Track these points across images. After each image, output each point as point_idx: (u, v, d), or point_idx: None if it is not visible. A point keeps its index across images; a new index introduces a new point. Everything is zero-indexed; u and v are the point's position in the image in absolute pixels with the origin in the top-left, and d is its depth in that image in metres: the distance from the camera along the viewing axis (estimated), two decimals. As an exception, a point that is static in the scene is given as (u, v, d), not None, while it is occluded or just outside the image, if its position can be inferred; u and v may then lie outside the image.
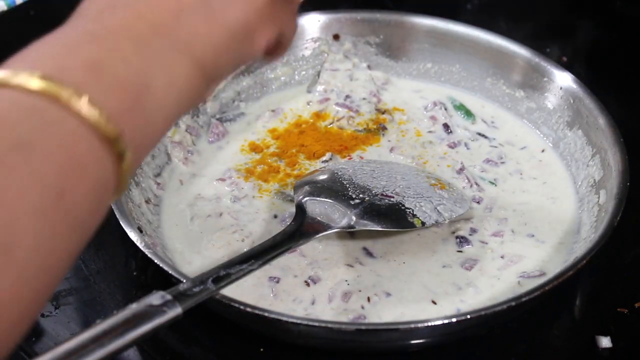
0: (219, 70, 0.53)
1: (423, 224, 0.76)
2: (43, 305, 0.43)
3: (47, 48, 0.46)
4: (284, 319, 0.64)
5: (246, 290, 0.73)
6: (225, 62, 0.53)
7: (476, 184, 0.86)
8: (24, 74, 0.43)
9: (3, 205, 0.39)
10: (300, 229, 0.73)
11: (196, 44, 0.51)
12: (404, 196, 0.78)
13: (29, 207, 0.39)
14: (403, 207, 0.77)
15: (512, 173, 0.88)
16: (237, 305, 0.65)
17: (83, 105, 0.43)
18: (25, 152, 0.40)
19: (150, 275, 0.80)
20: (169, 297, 0.57)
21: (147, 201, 0.81)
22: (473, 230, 0.80)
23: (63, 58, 0.45)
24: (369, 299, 0.73)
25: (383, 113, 0.96)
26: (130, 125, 0.46)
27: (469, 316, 0.65)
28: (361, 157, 0.89)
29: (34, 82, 0.43)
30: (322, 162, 0.88)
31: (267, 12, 0.54)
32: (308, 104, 0.97)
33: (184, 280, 0.64)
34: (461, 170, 0.87)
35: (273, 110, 0.96)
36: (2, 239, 0.38)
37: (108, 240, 0.83)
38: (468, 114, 0.96)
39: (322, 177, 0.80)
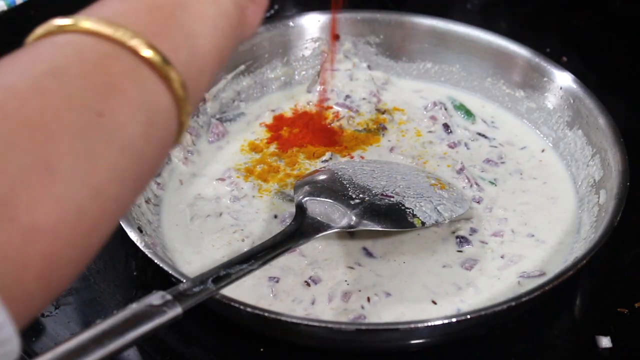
0: None
1: (423, 224, 0.76)
2: (100, 234, 0.43)
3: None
4: (284, 319, 0.64)
5: (246, 290, 0.73)
6: None
7: (476, 184, 0.86)
8: (58, 19, 0.45)
9: (40, 128, 0.39)
10: (300, 229, 0.73)
11: None
12: (404, 196, 0.78)
13: (66, 128, 0.40)
14: (403, 207, 0.77)
15: (512, 173, 0.88)
16: (236, 305, 0.65)
17: (113, 29, 0.44)
18: (59, 76, 0.41)
19: (150, 275, 0.80)
20: (169, 297, 0.57)
21: (147, 201, 0.81)
22: (473, 230, 0.80)
23: (93, 8, 0.47)
24: (368, 299, 0.73)
25: (383, 113, 0.96)
26: (169, 43, 0.46)
27: (468, 316, 0.65)
28: (362, 157, 0.89)
29: (64, 21, 0.44)
30: (322, 162, 0.88)
31: None
32: (308, 104, 0.97)
33: (184, 280, 0.64)
34: (461, 170, 0.87)
35: (273, 110, 0.96)
36: (41, 159, 0.38)
37: (108, 240, 0.83)
38: (468, 114, 0.96)
39: (322, 177, 0.80)
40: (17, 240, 0.37)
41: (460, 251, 0.78)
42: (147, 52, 0.44)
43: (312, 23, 0.99)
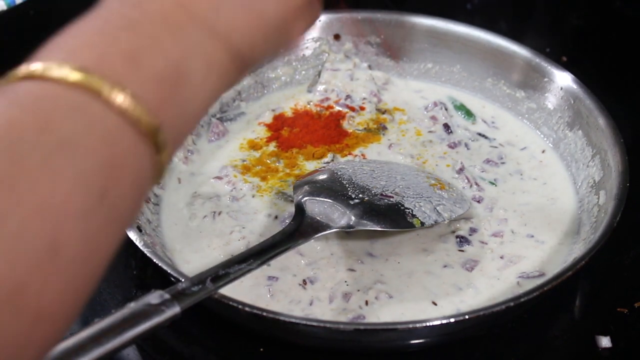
0: (253, 60, 0.53)
1: (422, 224, 0.76)
2: (83, 306, 0.42)
3: (84, 35, 0.45)
4: (283, 318, 0.64)
5: (244, 290, 0.73)
6: (260, 52, 0.53)
7: (476, 184, 0.86)
8: (65, 66, 0.42)
9: (50, 212, 0.38)
10: (299, 229, 0.73)
11: (234, 35, 0.50)
12: (404, 196, 0.78)
13: (73, 211, 0.39)
14: (402, 207, 0.77)
15: (512, 173, 0.88)
16: (235, 304, 0.65)
17: (124, 100, 0.42)
18: (70, 152, 0.39)
19: (150, 274, 0.80)
20: (167, 296, 0.58)
21: (147, 200, 0.81)
22: (473, 230, 0.80)
23: (101, 47, 0.44)
24: (367, 302, 0.73)
25: (383, 113, 0.96)
26: (169, 116, 0.45)
27: (467, 317, 0.65)
28: (363, 156, 0.89)
29: (74, 75, 0.41)
30: (324, 163, 0.88)
31: (304, 6, 0.54)
32: (308, 103, 0.97)
33: (183, 280, 0.64)
34: (461, 170, 0.87)
35: (273, 110, 0.96)
36: (48, 244, 0.38)
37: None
38: (468, 114, 0.96)
39: (322, 177, 0.80)
40: (26, 327, 0.37)
41: (462, 250, 0.78)
42: (153, 129, 0.43)
43: (313, 23, 0.99)
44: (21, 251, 0.37)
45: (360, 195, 0.77)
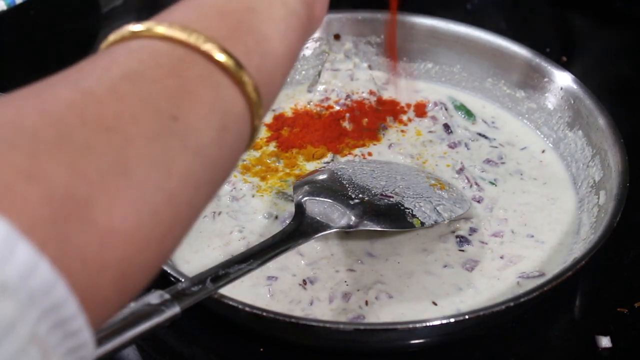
0: None
1: (422, 224, 0.76)
2: (174, 239, 0.42)
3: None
4: (282, 318, 0.64)
5: (244, 290, 0.73)
6: None
7: (476, 184, 0.86)
8: (128, 26, 0.46)
9: (117, 132, 0.39)
10: (299, 229, 0.73)
11: None
12: (404, 196, 0.78)
13: (141, 132, 0.40)
14: (402, 207, 0.77)
15: (512, 173, 0.88)
16: (235, 304, 0.65)
17: (186, 34, 0.44)
18: (135, 80, 0.41)
19: (150, 274, 0.80)
20: (167, 296, 0.57)
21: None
22: (473, 230, 0.80)
23: (163, 14, 0.48)
24: (366, 302, 0.73)
25: (383, 113, 0.95)
26: (242, 47, 0.46)
27: (467, 317, 0.65)
28: (363, 156, 0.89)
29: (137, 27, 0.45)
30: (324, 163, 0.88)
31: None
32: (308, 103, 0.97)
33: (183, 280, 0.64)
34: (461, 170, 0.87)
35: (273, 110, 0.96)
36: (118, 163, 0.38)
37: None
38: (468, 114, 0.96)
39: (322, 177, 0.80)
40: (95, 244, 0.36)
41: (462, 250, 0.78)
42: (220, 57, 0.44)
43: (313, 23, 0.99)
44: (87, 165, 0.37)
45: (360, 195, 0.77)
